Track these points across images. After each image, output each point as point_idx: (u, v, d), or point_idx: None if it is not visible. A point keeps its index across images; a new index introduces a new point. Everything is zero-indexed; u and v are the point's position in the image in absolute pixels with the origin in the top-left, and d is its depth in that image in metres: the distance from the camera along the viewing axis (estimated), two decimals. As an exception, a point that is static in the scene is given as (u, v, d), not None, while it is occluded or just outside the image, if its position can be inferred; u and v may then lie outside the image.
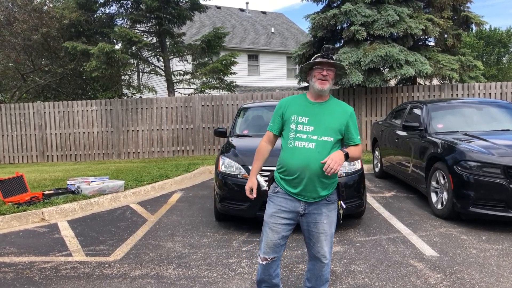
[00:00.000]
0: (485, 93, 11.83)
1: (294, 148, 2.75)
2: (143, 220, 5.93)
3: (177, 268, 4.13)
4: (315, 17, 11.93)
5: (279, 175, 2.85)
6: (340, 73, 2.89)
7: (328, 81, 2.77)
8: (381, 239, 4.77)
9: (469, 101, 7.12)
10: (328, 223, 2.82)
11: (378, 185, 7.85)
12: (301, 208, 2.79)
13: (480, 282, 3.60)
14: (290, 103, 2.89)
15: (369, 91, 12.18)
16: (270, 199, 2.89)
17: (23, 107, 12.90)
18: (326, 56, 2.75)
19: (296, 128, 2.77)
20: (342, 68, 2.84)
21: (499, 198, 4.76)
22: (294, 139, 2.76)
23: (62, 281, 3.90)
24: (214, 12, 25.91)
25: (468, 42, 31.11)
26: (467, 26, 13.55)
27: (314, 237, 2.83)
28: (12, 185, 6.66)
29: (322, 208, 2.80)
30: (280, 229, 2.81)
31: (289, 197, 2.80)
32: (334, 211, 2.85)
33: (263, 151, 2.96)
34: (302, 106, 2.83)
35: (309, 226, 2.83)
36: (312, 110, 2.80)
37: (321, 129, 2.74)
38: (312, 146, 2.71)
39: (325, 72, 2.76)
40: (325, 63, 2.75)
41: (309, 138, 2.73)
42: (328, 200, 2.81)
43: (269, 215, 2.85)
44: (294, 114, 2.81)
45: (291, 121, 2.80)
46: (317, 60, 2.77)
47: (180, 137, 12.82)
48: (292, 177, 2.75)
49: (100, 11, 15.26)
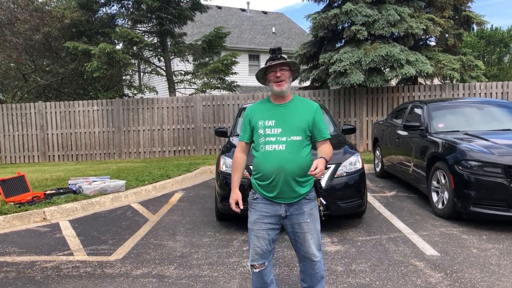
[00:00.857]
0: (486, 92, 11.83)
1: (265, 152, 2.75)
2: (144, 220, 5.94)
3: (178, 267, 4.14)
4: (316, 17, 11.94)
5: (256, 181, 2.85)
6: (295, 69, 2.88)
7: (284, 81, 2.77)
8: (382, 239, 4.77)
9: (470, 100, 7.11)
10: (312, 221, 2.82)
11: (379, 184, 7.85)
12: (282, 210, 2.79)
13: (481, 281, 3.60)
14: (255, 109, 2.89)
15: (370, 91, 12.18)
16: (251, 206, 2.89)
17: (24, 107, 12.93)
18: (276, 57, 2.76)
19: (264, 132, 2.77)
20: (294, 64, 2.84)
21: (500, 197, 4.76)
22: (264, 143, 2.76)
23: (64, 281, 3.91)
24: (215, 12, 25.92)
25: (469, 41, 31.09)
26: (468, 25, 13.54)
27: (300, 238, 2.82)
28: (14, 185, 6.68)
29: (303, 208, 2.80)
30: (266, 234, 2.81)
31: (268, 202, 2.81)
32: (315, 208, 2.86)
33: (240, 161, 2.95)
34: (267, 110, 2.84)
35: (293, 227, 2.82)
36: (277, 112, 2.81)
37: (289, 130, 2.74)
38: (282, 147, 2.72)
39: (278, 73, 2.76)
40: (275, 64, 2.75)
41: (279, 140, 2.73)
42: (307, 199, 2.81)
43: (252, 222, 2.86)
44: (260, 119, 2.81)
45: (259, 127, 2.80)
46: (267, 65, 2.78)
47: (181, 137, 12.84)
48: (268, 181, 2.75)
49: (101, 11, 15.26)
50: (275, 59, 2.76)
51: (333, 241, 4.75)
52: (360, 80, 10.81)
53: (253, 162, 2.88)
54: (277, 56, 2.76)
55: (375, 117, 12.17)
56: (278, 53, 2.77)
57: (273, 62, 2.75)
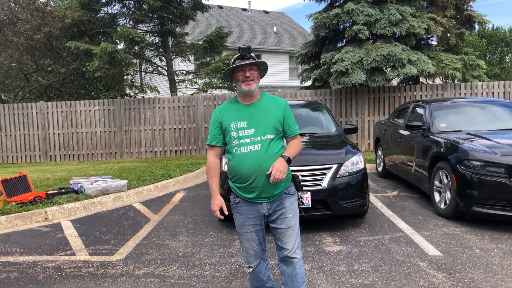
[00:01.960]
0: (488, 92, 11.81)
1: (241, 154, 2.73)
2: (146, 220, 5.94)
3: (180, 267, 4.14)
4: (317, 17, 11.93)
5: (234, 184, 2.83)
6: (263, 68, 2.87)
7: (253, 81, 2.76)
8: (384, 239, 4.76)
9: (472, 100, 7.09)
10: (294, 216, 2.82)
11: (381, 184, 7.84)
12: (265, 209, 2.79)
13: (484, 281, 3.59)
14: (224, 111, 2.85)
15: (372, 90, 12.16)
16: (234, 210, 2.88)
17: (26, 107, 12.94)
18: (245, 57, 2.74)
19: (237, 134, 2.75)
20: (263, 63, 2.83)
21: (503, 197, 4.75)
22: (239, 145, 2.74)
23: (66, 280, 3.91)
24: (216, 12, 25.91)
25: (471, 41, 31.03)
26: (470, 25, 13.50)
27: (282, 234, 2.80)
28: (15, 185, 6.69)
29: (284, 203, 2.80)
30: (254, 236, 2.83)
31: (251, 203, 2.80)
32: (295, 203, 2.86)
33: (215, 166, 2.88)
34: (237, 111, 2.81)
35: (276, 223, 2.81)
36: (247, 113, 2.78)
37: (262, 129, 2.73)
38: (258, 147, 2.71)
39: (247, 73, 2.74)
40: (245, 64, 2.74)
41: (253, 141, 2.72)
42: (287, 193, 2.81)
43: (239, 226, 2.87)
44: (232, 121, 2.78)
45: (231, 129, 2.77)
46: (236, 64, 2.76)
47: (182, 137, 12.84)
48: (247, 183, 2.73)
49: (103, 11, 15.26)
50: (244, 59, 2.74)
51: (335, 241, 4.74)
52: (362, 80, 10.80)
53: (227, 166, 2.86)
54: (246, 55, 2.75)
55: (376, 116, 12.15)
56: (248, 52, 2.75)
57: (242, 61, 2.74)
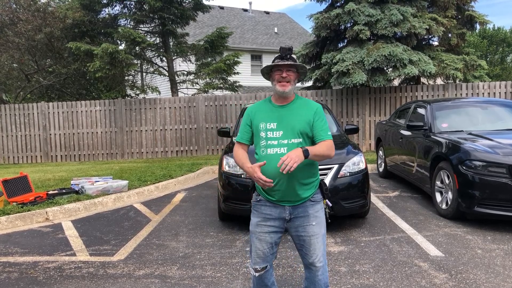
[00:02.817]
0: (489, 92, 11.78)
1: (267, 156, 2.67)
2: (147, 220, 5.93)
3: (181, 268, 4.13)
4: (318, 17, 11.93)
5: (259, 185, 2.76)
6: (302, 72, 2.81)
7: (289, 83, 2.69)
8: (386, 239, 4.75)
9: (473, 100, 7.07)
10: (318, 224, 2.73)
11: (382, 184, 7.82)
12: (286, 213, 2.71)
13: (486, 282, 3.58)
14: (256, 110, 2.82)
15: (373, 90, 12.15)
16: (254, 208, 2.82)
17: (27, 107, 12.95)
18: (285, 57, 2.68)
19: (266, 135, 2.70)
20: (302, 67, 2.77)
21: (505, 197, 4.73)
22: (265, 146, 2.70)
23: (66, 281, 3.90)
24: (217, 12, 25.91)
25: (472, 41, 31.01)
26: (471, 25, 13.49)
27: (305, 242, 2.73)
28: (16, 185, 6.69)
29: (308, 210, 2.71)
30: (268, 238, 2.74)
31: (272, 204, 2.73)
32: (321, 211, 2.77)
33: (243, 154, 2.81)
34: (268, 111, 2.77)
35: (298, 231, 2.73)
36: (278, 114, 2.73)
37: (290, 132, 2.67)
38: (284, 151, 2.64)
39: (284, 73, 2.68)
40: (283, 65, 2.68)
41: (280, 143, 2.66)
42: (312, 201, 2.72)
43: (254, 224, 2.79)
44: (262, 121, 2.74)
45: (260, 129, 2.73)
46: (274, 63, 2.70)
47: (183, 137, 12.83)
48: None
49: (104, 12, 15.28)
50: (283, 59, 2.68)
51: (336, 241, 4.73)
52: (363, 80, 10.79)
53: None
54: (287, 56, 2.68)
55: (378, 117, 12.13)
56: (288, 53, 2.68)
57: (281, 61, 2.68)
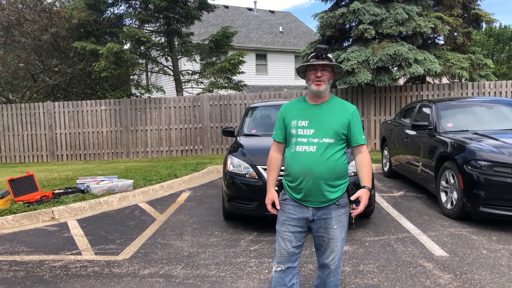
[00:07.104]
0: (495, 91, 11.71)
1: (295, 153, 2.69)
2: (152, 219, 5.95)
3: (186, 267, 4.14)
4: (323, 16, 11.89)
5: (286, 182, 2.79)
6: (338, 71, 2.81)
7: (323, 82, 2.69)
8: (390, 239, 4.74)
9: (479, 99, 7.03)
10: (339, 228, 2.71)
11: (387, 184, 7.80)
12: (309, 214, 2.70)
13: (491, 282, 3.56)
14: (290, 108, 2.83)
15: (378, 90, 12.11)
16: (280, 207, 2.82)
17: (33, 107, 13.03)
18: (320, 56, 2.68)
19: (296, 132, 2.71)
20: (338, 67, 2.76)
21: (510, 198, 4.71)
22: (295, 144, 2.70)
23: (72, 280, 3.93)
24: (222, 12, 25.92)
25: (478, 40, 30.80)
26: (477, 24, 13.39)
27: (324, 243, 2.73)
28: (22, 184, 6.74)
29: (331, 213, 2.70)
30: (292, 237, 2.73)
31: (296, 204, 2.73)
32: (345, 215, 2.75)
33: (275, 161, 2.88)
34: (302, 109, 2.77)
35: (319, 232, 2.73)
36: (311, 113, 2.73)
37: (322, 131, 2.66)
38: (313, 149, 2.64)
39: (319, 73, 2.68)
40: (317, 64, 2.68)
41: (310, 142, 2.66)
42: (337, 205, 2.70)
43: (280, 223, 2.79)
44: (294, 118, 2.75)
45: (291, 126, 2.74)
46: (310, 62, 2.70)
47: (188, 137, 12.86)
48: (296, 183, 2.69)
49: (109, 11, 15.33)
50: (319, 58, 2.68)
51: (340, 241, 4.73)
52: (368, 79, 10.75)
53: (284, 162, 2.82)
54: (322, 55, 2.67)
55: (383, 116, 12.09)
56: (324, 52, 2.67)
57: (316, 61, 2.68)
